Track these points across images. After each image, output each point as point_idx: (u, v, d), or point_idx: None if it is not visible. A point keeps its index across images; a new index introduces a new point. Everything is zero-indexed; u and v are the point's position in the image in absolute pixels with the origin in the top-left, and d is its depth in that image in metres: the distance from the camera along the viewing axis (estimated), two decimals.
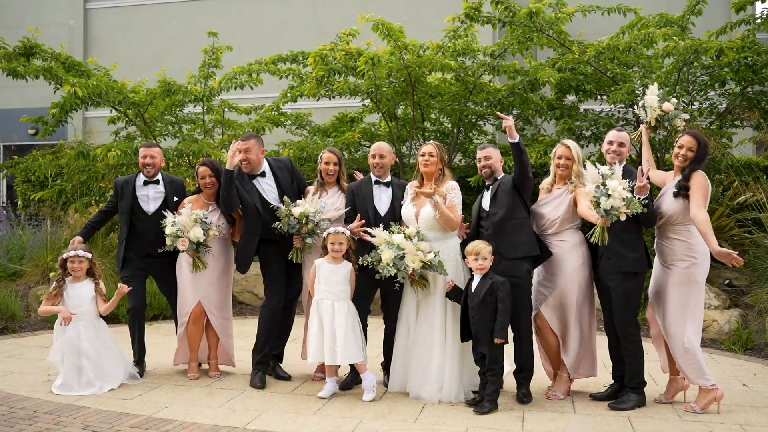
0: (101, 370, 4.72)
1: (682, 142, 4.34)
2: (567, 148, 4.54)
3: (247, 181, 4.94)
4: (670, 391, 4.49)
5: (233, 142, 4.90)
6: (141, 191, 5.13)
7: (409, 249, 4.35)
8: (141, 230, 5.09)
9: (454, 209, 4.54)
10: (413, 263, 4.34)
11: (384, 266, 4.38)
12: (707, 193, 4.25)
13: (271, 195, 4.96)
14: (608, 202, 4.06)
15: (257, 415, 4.23)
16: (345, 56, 7.90)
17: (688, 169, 4.29)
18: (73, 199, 8.74)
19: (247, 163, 4.91)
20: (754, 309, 6.65)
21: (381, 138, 8.26)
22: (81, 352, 4.69)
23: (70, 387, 4.66)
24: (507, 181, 4.53)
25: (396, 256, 4.34)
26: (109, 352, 4.82)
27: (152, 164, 5.13)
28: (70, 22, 15.10)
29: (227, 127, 8.99)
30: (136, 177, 5.19)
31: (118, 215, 5.26)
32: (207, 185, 5.06)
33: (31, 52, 7.91)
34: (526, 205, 4.55)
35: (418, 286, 4.51)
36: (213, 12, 14.14)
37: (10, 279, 8.20)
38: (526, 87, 7.85)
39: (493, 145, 4.92)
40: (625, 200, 4.05)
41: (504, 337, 4.25)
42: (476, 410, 4.23)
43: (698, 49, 6.91)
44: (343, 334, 4.47)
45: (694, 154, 4.28)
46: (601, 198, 4.08)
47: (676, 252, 4.29)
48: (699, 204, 4.17)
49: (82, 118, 14.23)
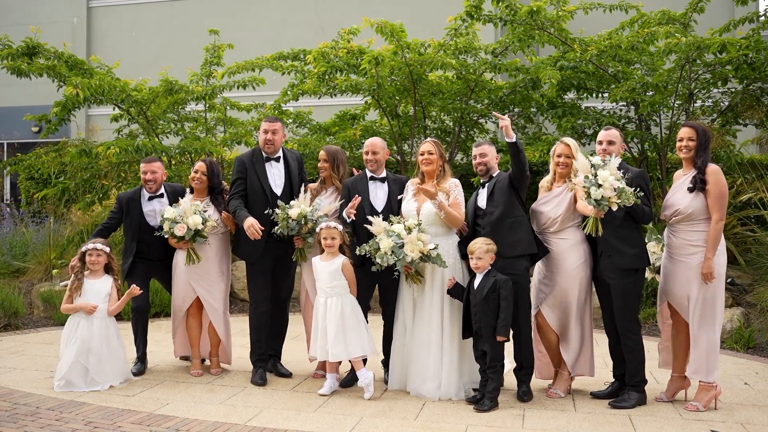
0: (106, 368, 4.73)
1: (681, 135, 4.33)
2: (567, 145, 4.52)
3: (261, 163, 4.96)
4: (671, 390, 4.48)
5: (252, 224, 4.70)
6: (147, 207, 5.17)
7: (410, 239, 4.36)
8: (148, 244, 5.13)
9: (458, 207, 4.55)
10: (412, 252, 4.33)
11: (382, 255, 4.36)
12: (726, 195, 4.22)
13: (279, 181, 4.98)
14: (598, 192, 4.05)
15: (258, 412, 4.24)
16: (347, 54, 7.91)
17: (699, 160, 4.24)
18: (75, 196, 8.77)
19: (271, 144, 4.95)
20: (756, 307, 6.64)
21: (382, 136, 8.27)
22: (91, 350, 4.69)
23: (75, 385, 4.67)
24: (503, 179, 4.51)
25: (396, 244, 4.33)
26: (116, 351, 4.82)
27: (153, 180, 5.17)
28: (74, 20, 15.14)
29: (229, 125, 9.01)
30: (140, 193, 5.21)
31: (124, 230, 5.25)
32: (196, 180, 5.10)
33: (34, 51, 7.94)
34: (523, 203, 4.55)
35: (413, 280, 4.52)
36: (215, 10, 14.17)
37: (14, 276, 8.25)
38: (527, 85, 7.84)
39: (488, 141, 4.89)
40: (617, 190, 4.04)
41: (506, 334, 4.26)
42: (476, 408, 4.24)
43: (701, 45, 6.88)
44: (333, 331, 4.48)
45: (696, 143, 4.26)
46: (591, 188, 4.08)
47: (695, 244, 4.22)
48: (719, 216, 4.15)
49: (85, 116, 14.28)
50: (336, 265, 4.57)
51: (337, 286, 4.56)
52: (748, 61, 6.98)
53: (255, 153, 5.01)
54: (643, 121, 7.83)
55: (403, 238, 4.35)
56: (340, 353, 4.51)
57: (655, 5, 8.31)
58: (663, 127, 7.81)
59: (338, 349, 4.50)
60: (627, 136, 7.55)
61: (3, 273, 8.26)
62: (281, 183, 4.98)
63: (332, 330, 4.49)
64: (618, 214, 4.28)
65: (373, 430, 3.91)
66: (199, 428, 3.93)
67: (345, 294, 4.58)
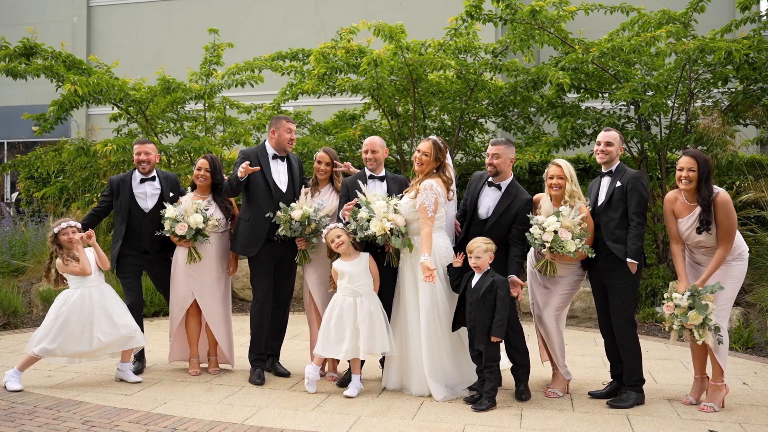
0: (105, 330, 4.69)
1: (682, 164, 4.24)
2: (558, 167, 4.44)
3: (267, 159, 4.97)
4: (698, 391, 4.43)
5: (246, 166, 4.79)
6: (138, 189, 5.14)
7: (378, 215, 4.44)
8: (138, 228, 5.09)
9: (424, 211, 4.40)
10: (375, 227, 4.41)
11: (351, 221, 4.56)
12: (735, 225, 4.20)
13: (284, 179, 4.99)
14: (540, 235, 4.27)
15: (256, 411, 4.24)
16: (346, 54, 7.90)
17: (702, 193, 4.16)
18: (75, 195, 8.78)
19: (291, 144, 5.03)
20: (755, 307, 6.63)
21: (382, 135, 8.26)
22: (92, 315, 4.66)
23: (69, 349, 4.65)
24: (510, 210, 4.49)
25: (368, 217, 4.49)
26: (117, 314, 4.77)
27: (147, 160, 5.14)
28: (74, 20, 15.14)
29: (228, 125, 9.01)
30: (132, 175, 5.19)
31: (114, 214, 5.23)
32: (200, 177, 5.08)
33: (31, 52, 7.93)
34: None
35: (392, 260, 4.60)
36: (216, 9, 14.16)
37: (13, 275, 8.25)
38: (528, 85, 7.83)
39: (506, 142, 4.63)
40: (554, 241, 4.20)
41: (501, 335, 4.25)
42: (474, 407, 4.23)
43: (705, 48, 6.87)
44: (366, 329, 4.49)
45: (697, 174, 4.19)
46: (535, 231, 4.28)
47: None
48: (728, 248, 4.16)
49: (85, 116, 14.28)
50: (363, 263, 4.60)
51: (365, 284, 4.58)
52: (749, 61, 6.97)
53: (261, 149, 5.02)
54: (643, 121, 7.81)
55: (375, 213, 4.45)
56: (371, 349, 4.52)
57: (656, 5, 8.30)
58: (663, 126, 7.80)
59: (369, 346, 4.50)
60: (627, 136, 7.53)
61: (2, 272, 8.26)
62: (285, 181, 5.00)
63: (365, 328, 4.50)
64: (614, 216, 4.29)
65: (371, 429, 3.91)
66: (197, 427, 3.93)
67: (371, 291, 4.60)
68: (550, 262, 4.37)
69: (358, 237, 4.56)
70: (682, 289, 4.17)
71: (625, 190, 4.31)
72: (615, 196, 4.34)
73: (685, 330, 4.10)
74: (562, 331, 4.65)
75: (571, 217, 4.25)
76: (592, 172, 8.39)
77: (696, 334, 4.07)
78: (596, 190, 4.53)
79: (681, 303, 4.10)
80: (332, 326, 4.58)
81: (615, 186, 4.36)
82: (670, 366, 5.44)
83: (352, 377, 4.62)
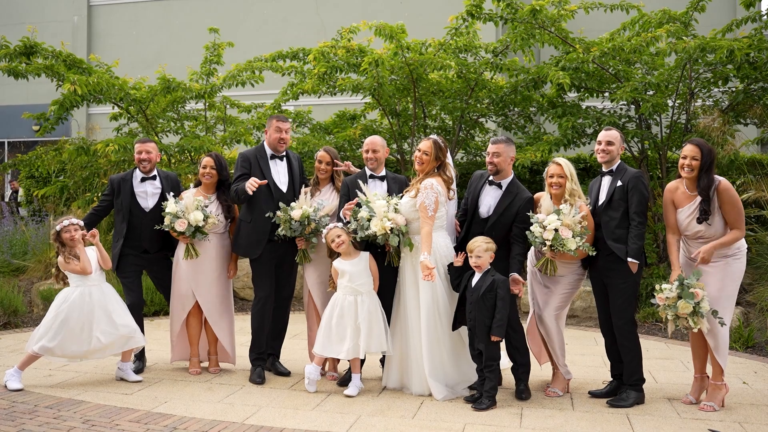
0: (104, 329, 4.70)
1: (685, 152, 4.24)
2: (558, 165, 4.44)
3: (266, 160, 4.97)
4: (698, 390, 4.43)
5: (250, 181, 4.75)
6: (139, 188, 5.13)
7: (379, 214, 4.45)
8: (138, 227, 5.09)
9: (424, 210, 4.41)
10: (375, 227, 4.41)
11: (352, 221, 4.55)
12: (742, 207, 4.20)
13: (284, 179, 4.99)
14: (539, 232, 4.26)
15: (256, 410, 4.24)
16: (347, 53, 7.90)
17: (702, 182, 4.17)
18: (75, 195, 8.78)
19: (284, 143, 5.00)
20: (755, 307, 6.63)
21: (382, 135, 8.26)
22: (91, 314, 4.66)
23: (68, 348, 4.65)
24: (511, 209, 4.49)
25: (369, 217, 4.50)
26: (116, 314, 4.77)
27: (148, 159, 5.14)
28: (74, 19, 15.15)
29: (229, 124, 9.01)
30: (133, 174, 5.19)
31: (114, 213, 5.22)
32: (206, 175, 5.08)
33: (31, 51, 7.93)
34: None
35: (392, 259, 4.60)
36: (216, 9, 14.18)
37: (13, 274, 8.26)
38: (528, 85, 7.83)
39: (506, 140, 4.63)
40: (554, 239, 4.21)
41: (501, 335, 4.25)
42: (475, 407, 4.24)
43: (705, 47, 6.87)
44: (366, 328, 4.50)
45: (700, 162, 4.19)
46: (536, 230, 4.28)
47: (722, 253, 4.21)
48: (741, 230, 4.15)
49: (85, 115, 14.30)
50: (364, 262, 4.61)
51: (365, 283, 4.59)
52: (750, 60, 6.97)
53: (259, 150, 5.02)
54: (644, 120, 7.81)
55: (375, 212, 4.46)
56: (368, 347, 4.53)
57: (656, 4, 8.30)
58: (663, 126, 7.80)
59: (367, 344, 4.51)
60: (627, 135, 7.53)
61: (3, 271, 8.27)
62: (285, 181, 4.99)
63: (365, 327, 4.51)
64: (615, 215, 4.30)
65: (371, 428, 3.91)
66: (197, 426, 3.93)
67: (371, 291, 4.61)
68: (550, 260, 4.37)
69: (358, 236, 4.57)
70: (673, 278, 4.17)
71: (625, 190, 4.32)
72: (616, 196, 4.34)
73: (680, 319, 4.10)
74: (562, 331, 4.65)
75: (572, 215, 4.25)
76: (592, 172, 8.38)
77: (691, 322, 4.06)
78: (597, 189, 4.53)
79: (670, 294, 4.10)
80: (333, 325, 4.59)
81: (616, 185, 4.36)
82: (670, 365, 5.44)
83: (352, 376, 4.62)
